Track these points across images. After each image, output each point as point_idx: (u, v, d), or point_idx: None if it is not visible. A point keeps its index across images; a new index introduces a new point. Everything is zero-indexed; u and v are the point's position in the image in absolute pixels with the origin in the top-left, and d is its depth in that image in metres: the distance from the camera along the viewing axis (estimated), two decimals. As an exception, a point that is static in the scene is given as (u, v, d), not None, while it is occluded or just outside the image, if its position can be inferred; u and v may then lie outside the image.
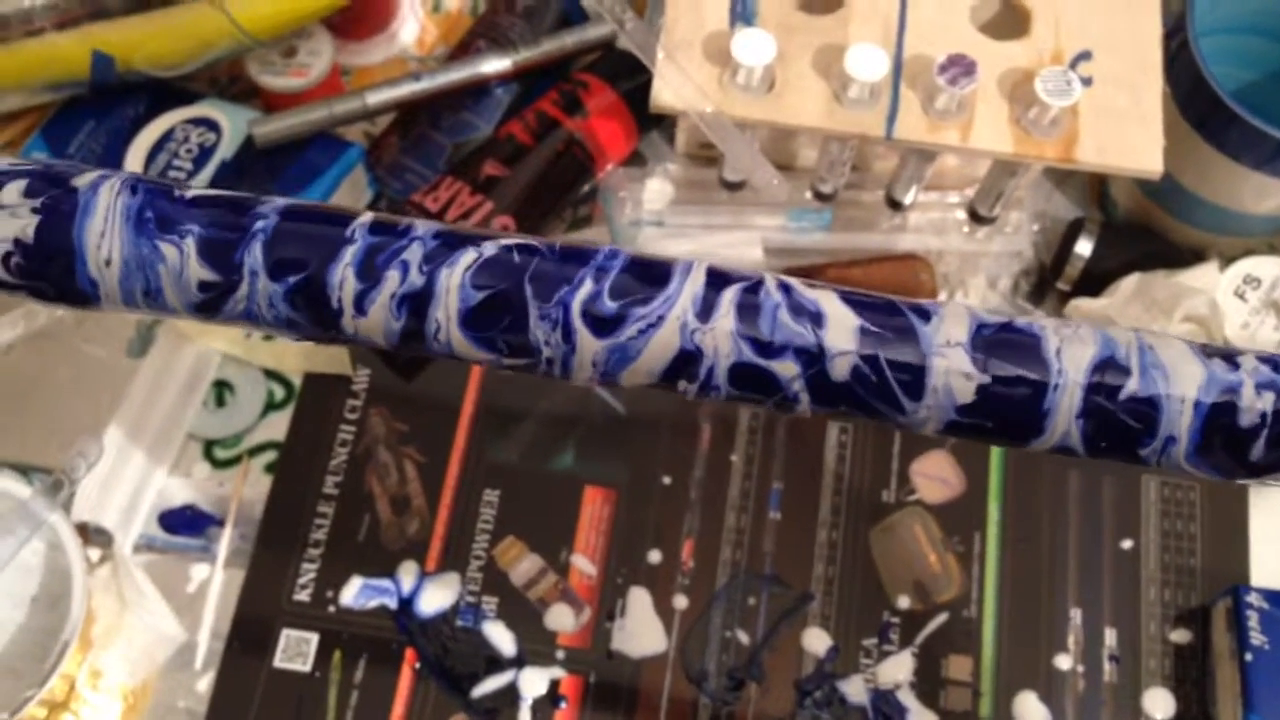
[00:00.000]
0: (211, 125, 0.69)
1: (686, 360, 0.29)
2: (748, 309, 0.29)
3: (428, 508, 0.61)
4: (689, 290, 0.28)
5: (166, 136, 0.68)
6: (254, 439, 0.63)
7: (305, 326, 0.28)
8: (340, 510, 0.61)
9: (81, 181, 0.27)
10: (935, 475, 0.62)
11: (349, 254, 0.27)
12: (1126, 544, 0.61)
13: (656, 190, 0.71)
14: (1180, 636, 0.59)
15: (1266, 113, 0.59)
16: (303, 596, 0.59)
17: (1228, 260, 0.66)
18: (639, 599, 0.60)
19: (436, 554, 0.61)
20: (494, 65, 0.70)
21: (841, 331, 0.29)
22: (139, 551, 0.61)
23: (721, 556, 0.61)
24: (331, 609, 0.59)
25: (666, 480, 0.62)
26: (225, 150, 0.67)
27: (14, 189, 0.27)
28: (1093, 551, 0.61)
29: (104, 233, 0.27)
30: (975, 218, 0.64)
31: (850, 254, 0.69)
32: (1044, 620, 0.59)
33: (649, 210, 0.71)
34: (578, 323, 0.28)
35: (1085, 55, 0.58)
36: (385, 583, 0.60)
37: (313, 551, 0.60)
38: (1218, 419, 0.30)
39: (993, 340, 0.29)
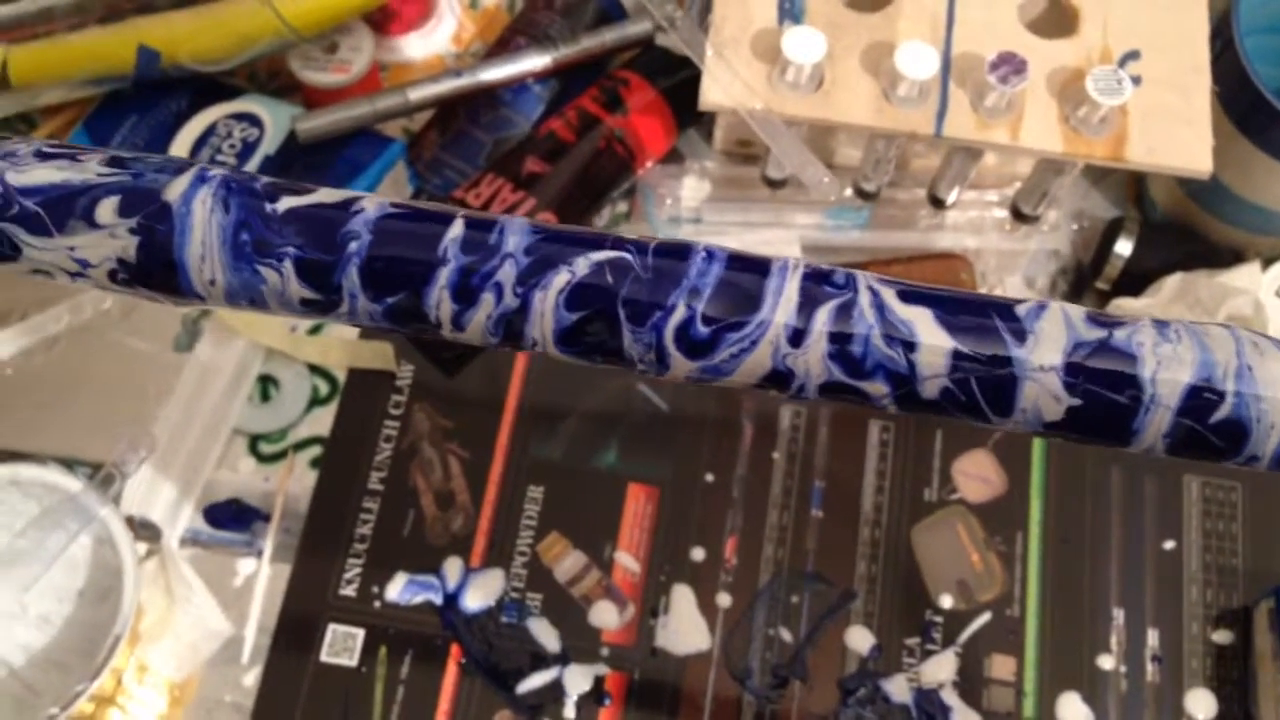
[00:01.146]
0: (254, 120, 0.67)
1: (778, 378, 0.28)
2: (840, 335, 0.27)
3: (472, 504, 0.60)
4: (781, 314, 0.27)
5: (209, 131, 0.67)
6: (299, 434, 0.62)
7: (407, 334, 0.27)
8: (385, 506, 0.60)
9: (173, 194, 0.26)
10: (976, 474, 0.61)
11: (443, 276, 0.26)
12: (1169, 544, 0.60)
13: (694, 187, 0.70)
14: (1222, 637, 0.58)
15: (1309, 113, 0.57)
16: (348, 591, 0.58)
17: (1267, 260, 0.65)
18: (683, 596, 0.58)
19: (481, 550, 0.59)
20: (534, 62, 0.68)
21: (934, 356, 0.27)
22: (185, 546, 0.59)
23: (764, 554, 0.59)
24: (377, 604, 0.58)
25: (709, 478, 0.61)
26: (268, 145, 0.66)
27: (108, 207, 0.26)
28: (1135, 551, 0.59)
29: (204, 256, 0.26)
30: (1018, 216, 0.63)
31: (889, 252, 0.67)
32: (1086, 620, 0.58)
33: (687, 207, 0.69)
34: (671, 347, 0.27)
35: (1134, 54, 0.56)
36: (430, 578, 0.58)
37: (358, 547, 0.59)
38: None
39: (1089, 363, 0.27)
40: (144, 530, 0.59)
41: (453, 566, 0.59)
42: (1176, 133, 0.55)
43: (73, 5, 0.63)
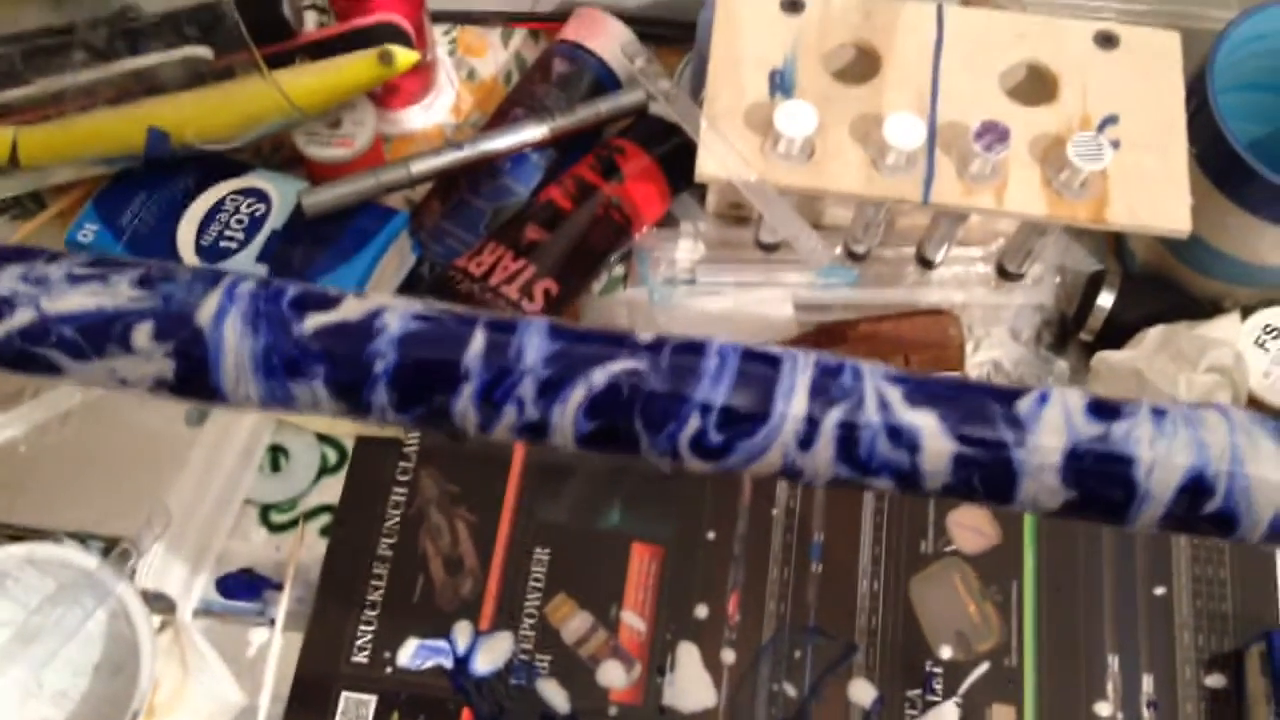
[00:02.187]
0: (261, 196, 0.67)
1: (788, 474, 0.28)
2: (846, 439, 0.28)
3: (480, 567, 0.60)
4: (791, 422, 0.27)
5: (217, 207, 0.67)
6: (309, 503, 0.62)
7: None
8: (395, 572, 0.60)
9: (204, 317, 0.26)
10: (971, 525, 0.61)
11: (466, 392, 0.27)
12: (1159, 590, 0.60)
13: (689, 249, 0.70)
14: (1215, 681, 0.58)
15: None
16: (360, 658, 0.58)
17: (1244, 310, 0.66)
18: (688, 654, 0.59)
19: (490, 613, 0.59)
20: (532, 133, 0.69)
21: (938, 458, 0.28)
22: (198, 617, 0.59)
23: (767, 609, 0.60)
24: (389, 670, 0.58)
25: (711, 535, 0.61)
26: (275, 220, 0.66)
27: (143, 332, 0.26)
28: (1127, 599, 0.60)
29: (238, 378, 0.26)
30: (1004, 274, 0.64)
31: (878, 308, 0.68)
32: (1083, 668, 0.58)
33: (682, 269, 0.70)
34: (685, 453, 0.28)
35: (1112, 119, 0.57)
36: (440, 643, 0.58)
37: (369, 613, 0.59)
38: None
39: (1086, 462, 0.28)
40: (158, 603, 0.58)
41: (462, 630, 0.59)
42: (1156, 194, 0.56)
43: (83, 87, 0.63)
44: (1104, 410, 0.29)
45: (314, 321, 0.27)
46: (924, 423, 0.28)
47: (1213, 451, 0.28)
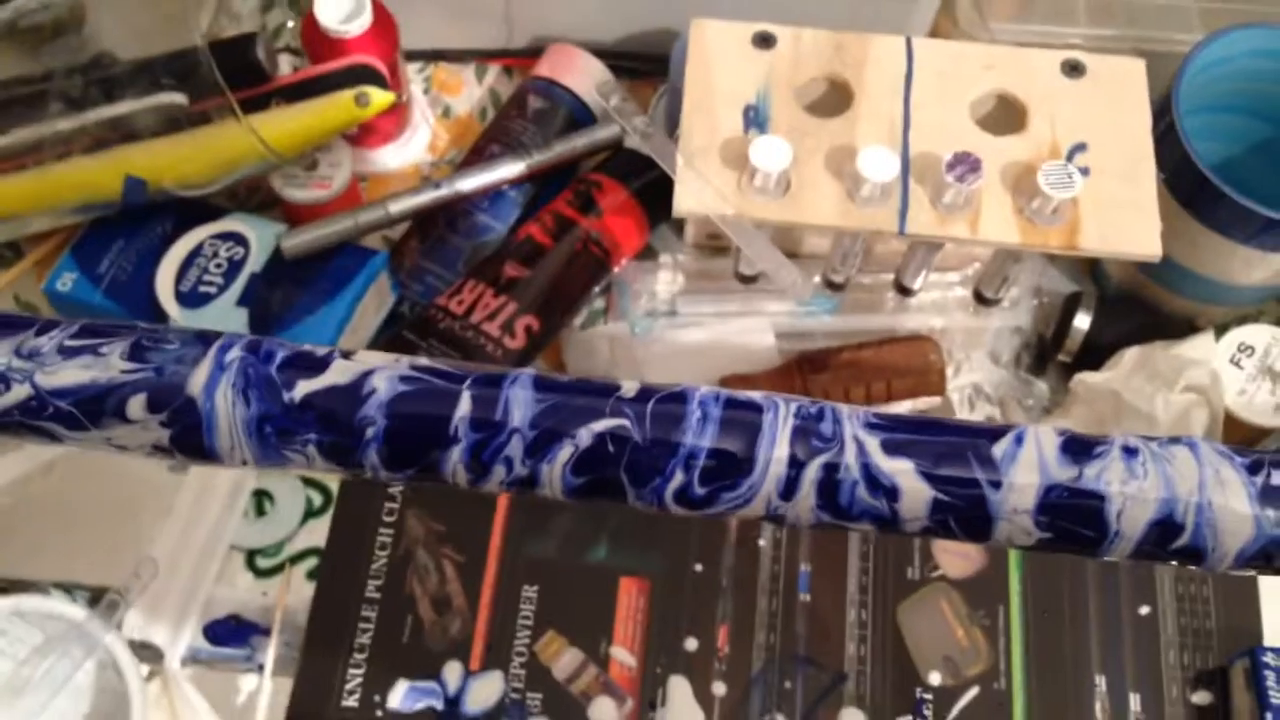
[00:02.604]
0: (239, 239, 0.68)
1: (770, 519, 0.29)
2: (827, 487, 0.29)
3: (468, 606, 0.60)
4: (772, 475, 0.28)
5: (196, 252, 0.67)
6: (295, 546, 0.62)
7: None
8: (383, 613, 0.60)
9: (195, 387, 0.27)
10: (957, 551, 0.62)
11: (456, 453, 0.27)
12: (1144, 610, 0.61)
13: (668, 281, 0.71)
14: (1201, 698, 0.59)
15: (1248, 186, 0.59)
16: (350, 702, 0.58)
17: (1218, 328, 0.67)
18: (679, 687, 0.59)
19: (479, 652, 0.59)
20: (509, 169, 0.70)
21: (915, 504, 0.29)
22: (186, 665, 0.59)
23: (756, 640, 0.60)
24: (379, 713, 0.58)
25: (698, 568, 0.62)
26: (254, 263, 0.67)
27: (137, 404, 0.27)
28: (1112, 619, 0.60)
29: (233, 446, 0.27)
30: (981, 299, 0.64)
31: (858, 335, 0.69)
32: (1071, 689, 0.59)
33: (662, 301, 0.71)
34: (671, 503, 0.28)
35: (1081, 147, 0.58)
36: (431, 684, 0.59)
37: (358, 656, 0.59)
38: (1253, 561, 0.30)
39: (1059, 505, 0.29)
40: (145, 652, 0.59)
41: (452, 671, 0.59)
42: (1126, 219, 0.57)
43: (60, 136, 0.63)
44: (1077, 451, 0.29)
45: (304, 388, 0.27)
46: (902, 470, 0.29)
47: (1181, 489, 0.28)
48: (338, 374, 0.28)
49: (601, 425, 0.28)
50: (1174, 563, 0.30)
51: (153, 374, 0.26)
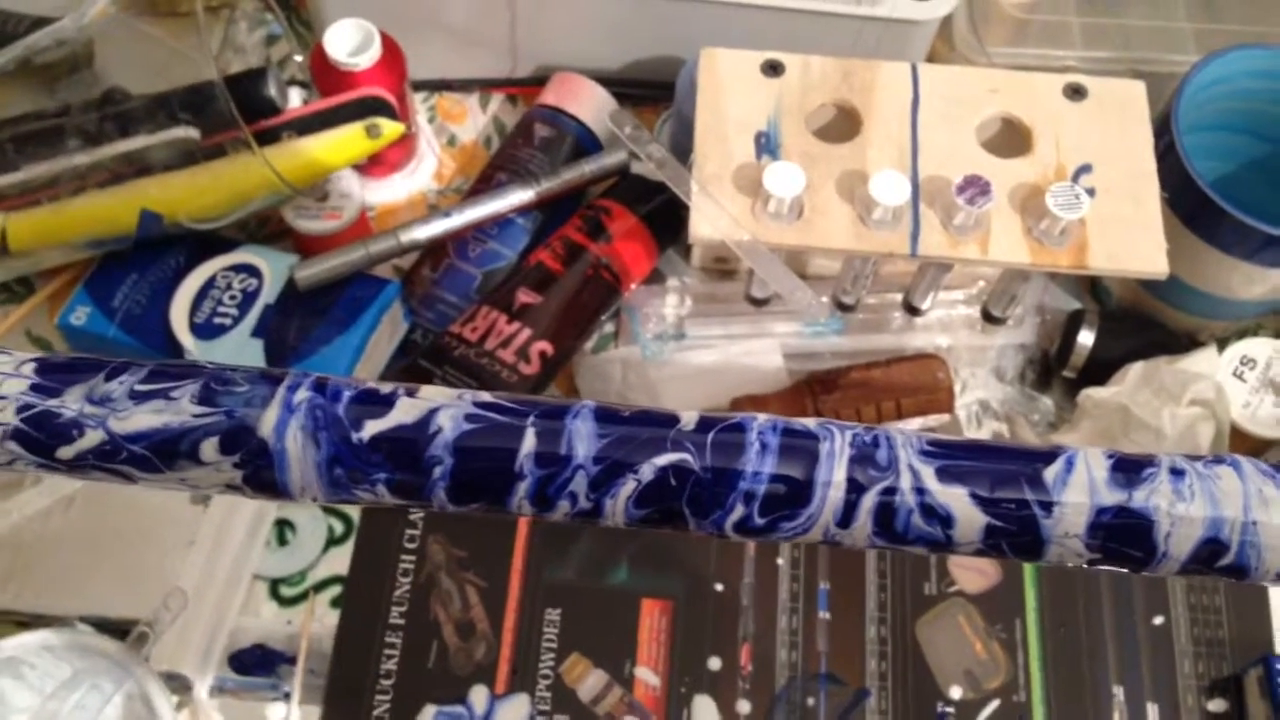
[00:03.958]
0: (252, 271, 0.68)
1: (826, 543, 0.29)
2: (883, 516, 0.29)
3: (492, 631, 0.60)
4: (830, 505, 0.29)
5: (209, 284, 0.67)
6: (318, 575, 0.62)
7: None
8: (408, 640, 0.60)
9: (265, 429, 0.27)
10: (973, 566, 0.62)
11: (521, 489, 0.28)
12: (1158, 620, 0.61)
13: (677, 304, 0.72)
14: (1217, 706, 0.60)
15: (1247, 203, 0.60)
16: (378, 729, 0.58)
17: (1219, 341, 0.68)
18: (704, 707, 0.59)
19: (504, 676, 0.59)
20: (518, 197, 0.70)
21: (969, 529, 0.29)
22: (213, 695, 0.59)
23: (778, 659, 0.60)
24: (407, 739, 0.58)
25: (719, 587, 0.62)
26: (268, 294, 0.67)
27: (210, 447, 0.27)
28: (1128, 630, 0.61)
29: (304, 486, 0.27)
30: (989, 318, 0.65)
31: (867, 355, 0.69)
32: (1089, 700, 0.59)
33: (671, 324, 0.71)
34: (731, 533, 0.29)
35: (1086, 168, 0.59)
36: (458, 709, 0.59)
37: (384, 683, 0.59)
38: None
39: (1109, 528, 0.29)
40: (173, 683, 0.58)
41: (479, 695, 0.59)
42: (1132, 238, 0.58)
43: (75, 171, 0.63)
44: (1126, 475, 0.30)
45: (371, 429, 0.27)
46: (956, 497, 0.29)
47: (1227, 509, 0.29)
48: (403, 413, 0.28)
49: (664, 459, 0.28)
50: (1217, 577, 0.31)
51: (224, 417, 0.27)
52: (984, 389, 0.70)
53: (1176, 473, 0.30)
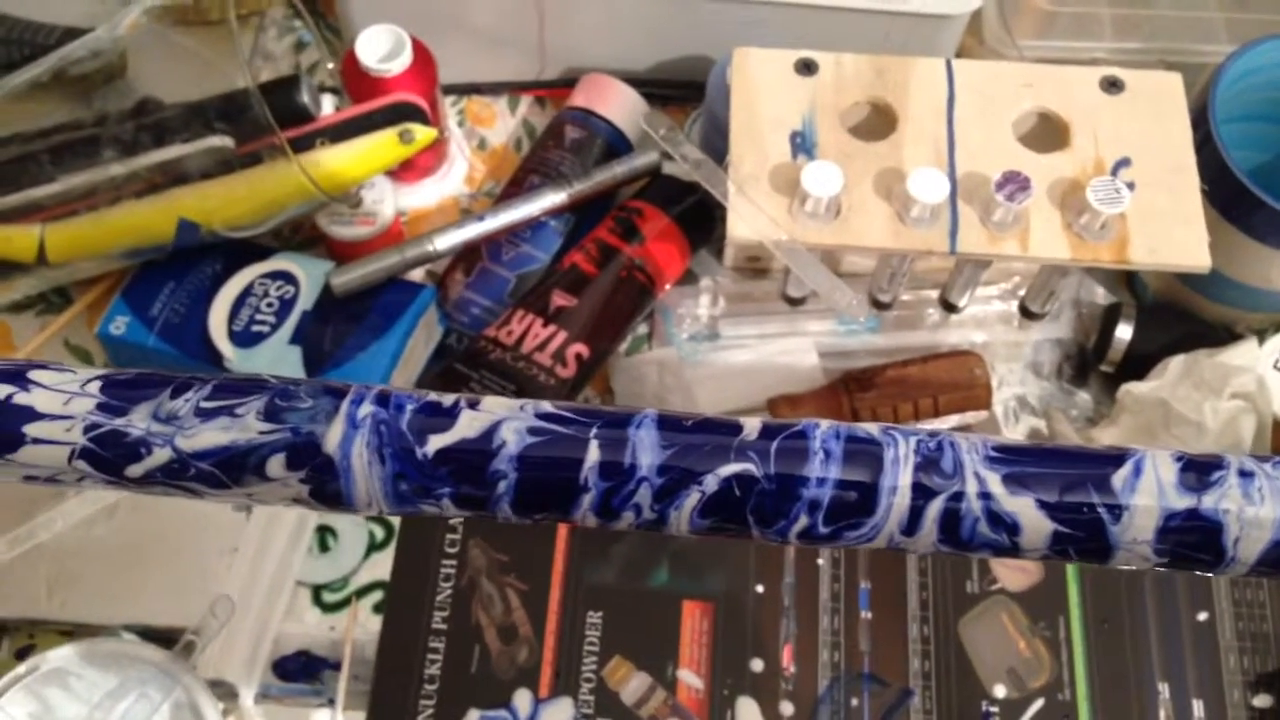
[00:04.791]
0: (288, 278, 0.68)
1: (891, 549, 0.29)
2: (949, 524, 0.29)
3: (534, 635, 0.60)
4: (895, 514, 0.28)
5: (246, 292, 0.67)
6: (359, 580, 0.62)
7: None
8: (451, 644, 0.60)
9: (331, 444, 0.27)
10: (1014, 564, 0.62)
11: (586, 501, 0.27)
12: (1202, 616, 0.61)
13: (710, 304, 0.71)
14: (1263, 701, 0.59)
15: (1281, 192, 0.59)
16: (423, 733, 0.58)
17: (1257, 333, 0.67)
18: (747, 708, 0.59)
19: (548, 680, 0.59)
20: (551, 199, 0.70)
21: (1036, 537, 0.29)
22: (257, 702, 0.59)
23: (820, 659, 0.60)
24: (452, 743, 0.57)
25: (759, 589, 0.61)
26: (305, 301, 0.67)
27: (277, 463, 0.27)
28: (1171, 626, 0.60)
29: (370, 500, 0.27)
30: (1027, 314, 0.64)
31: (902, 353, 0.69)
32: (1134, 697, 0.59)
33: (705, 325, 0.71)
34: (795, 541, 0.28)
35: (1125, 162, 0.58)
36: (502, 713, 0.58)
37: (428, 688, 0.59)
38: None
39: (1178, 532, 0.29)
40: (218, 690, 0.58)
41: (522, 699, 0.59)
42: (1173, 232, 0.57)
43: (113, 181, 0.63)
44: (1194, 479, 0.29)
45: (436, 443, 0.27)
46: (1023, 507, 0.28)
47: None
48: (466, 426, 0.28)
49: (727, 470, 0.28)
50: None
51: (289, 434, 0.26)
52: (1021, 385, 0.69)
53: (1246, 475, 0.29)
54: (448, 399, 0.28)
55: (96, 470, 0.27)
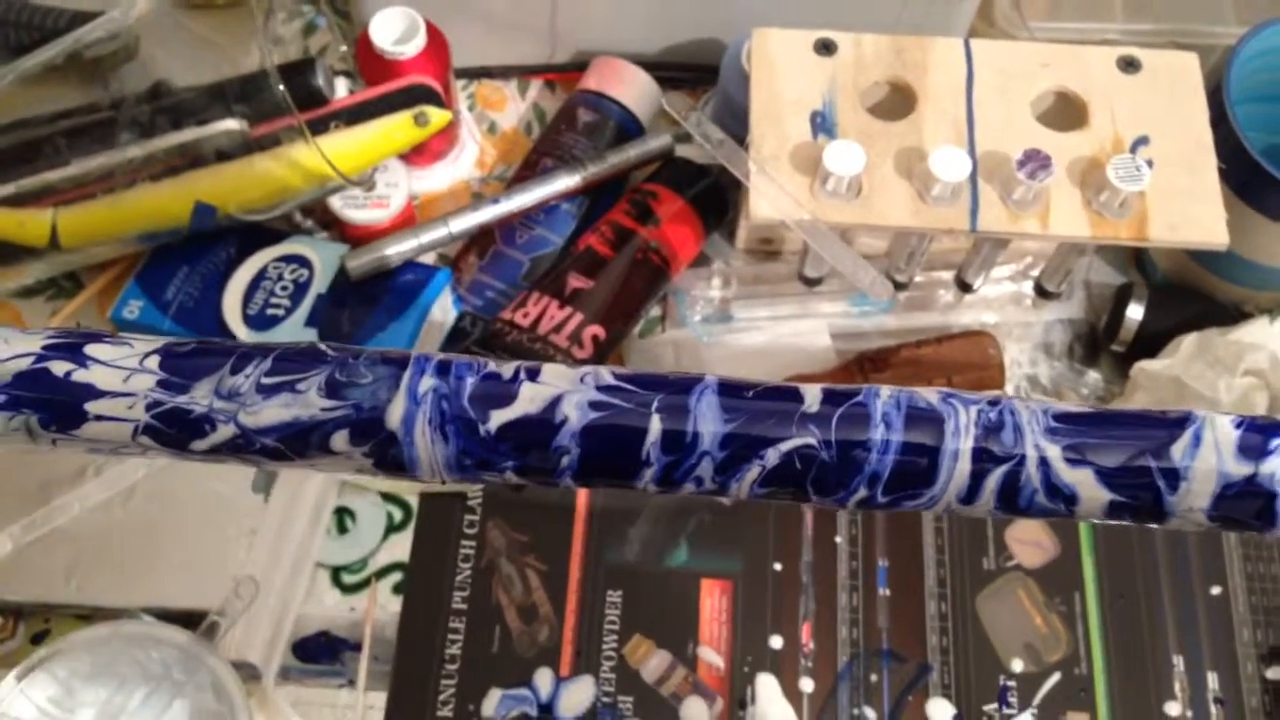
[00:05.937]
0: (302, 261, 0.67)
1: (946, 513, 0.28)
2: (1007, 494, 0.28)
3: (554, 614, 0.60)
4: (955, 485, 0.28)
5: (260, 275, 0.66)
6: (378, 562, 0.61)
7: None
8: (471, 624, 0.59)
9: (393, 420, 0.26)
10: (1030, 540, 0.62)
11: (648, 474, 0.27)
12: (1216, 590, 0.61)
13: (722, 286, 0.71)
14: (1276, 673, 0.59)
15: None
16: (445, 713, 0.57)
17: (1265, 312, 0.67)
18: (767, 685, 0.58)
19: (568, 658, 0.59)
20: (566, 182, 0.69)
21: (1093, 506, 0.28)
22: (279, 683, 0.59)
23: (839, 636, 0.60)
24: (476, 723, 0.57)
25: (778, 567, 0.61)
26: (319, 284, 0.66)
27: (340, 439, 0.26)
28: (1186, 600, 0.60)
29: (433, 471, 0.26)
30: (1043, 293, 0.64)
31: (916, 333, 0.68)
32: (1150, 670, 0.59)
33: (718, 306, 0.70)
34: (852, 508, 0.28)
35: (1143, 140, 0.58)
36: (523, 691, 0.58)
37: (449, 667, 0.58)
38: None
39: (1233, 500, 0.28)
40: (240, 671, 0.58)
41: (543, 677, 0.58)
42: (1191, 210, 0.57)
43: (130, 163, 0.62)
44: (1254, 444, 0.29)
45: (498, 419, 0.27)
46: (1082, 480, 0.28)
47: None
48: (527, 402, 0.27)
49: (788, 445, 0.27)
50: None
51: (352, 410, 0.26)
52: (1032, 365, 0.69)
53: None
54: (507, 369, 0.27)
55: (161, 445, 0.26)
